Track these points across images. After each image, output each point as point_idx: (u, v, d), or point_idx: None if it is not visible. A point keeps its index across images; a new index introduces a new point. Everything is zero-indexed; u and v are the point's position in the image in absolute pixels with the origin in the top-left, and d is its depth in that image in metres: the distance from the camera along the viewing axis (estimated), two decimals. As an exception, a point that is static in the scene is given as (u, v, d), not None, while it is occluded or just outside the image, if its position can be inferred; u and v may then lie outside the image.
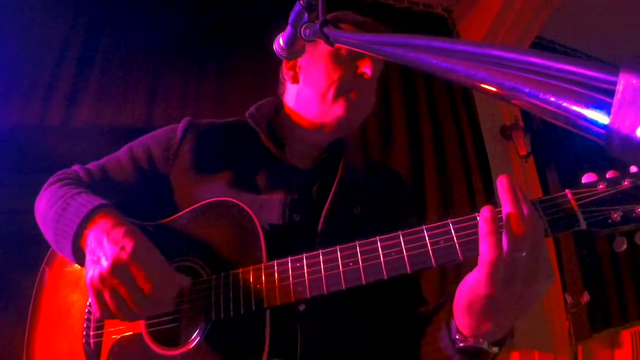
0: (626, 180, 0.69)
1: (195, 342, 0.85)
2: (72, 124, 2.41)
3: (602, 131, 0.31)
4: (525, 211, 0.66)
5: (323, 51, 1.08)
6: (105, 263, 0.80)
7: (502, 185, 0.68)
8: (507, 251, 0.65)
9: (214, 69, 2.78)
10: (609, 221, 0.68)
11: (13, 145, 2.20)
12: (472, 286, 0.71)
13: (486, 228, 0.66)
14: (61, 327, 1.01)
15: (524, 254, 0.65)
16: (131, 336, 0.92)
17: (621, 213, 0.67)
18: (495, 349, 0.76)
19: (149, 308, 0.83)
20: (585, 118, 0.32)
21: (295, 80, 1.15)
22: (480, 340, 0.74)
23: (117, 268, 0.80)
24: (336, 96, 1.06)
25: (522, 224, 0.65)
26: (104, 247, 0.82)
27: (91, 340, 0.96)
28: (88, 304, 1.00)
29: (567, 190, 0.71)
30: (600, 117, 0.31)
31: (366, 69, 1.05)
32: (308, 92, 1.10)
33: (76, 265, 0.92)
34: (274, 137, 1.11)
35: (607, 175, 0.71)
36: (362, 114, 1.11)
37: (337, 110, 1.06)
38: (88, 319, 0.98)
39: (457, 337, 0.77)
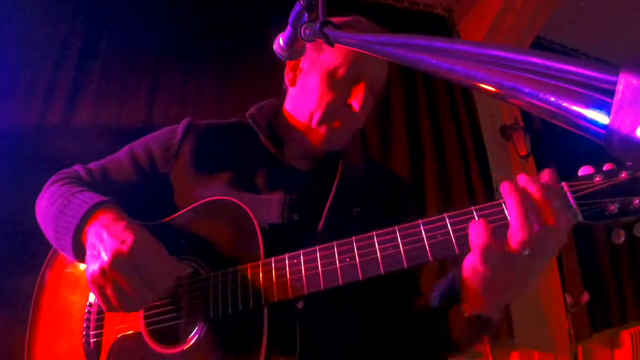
0: (623, 172, 0.68)
1: (194, 340, 0.86)
2: (72, 124, 2.41)
3: (602, 131, 0.31)
4: (532, 217, 0.67)
5: (322, 66, 1.07)
6: (105, 257, 0.80)
7: (504, 190, 0.70)
8: (511, 251, 0.67)
9: (214, 69, 2.78)
10: (606, 213, 0.67)
11: (13, 145, 2.20)
12: (468, 267, 0.75)
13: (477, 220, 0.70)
14: (61, 328, 1.02)
15: (527, 252, 0.67)
16: (131, 335, 0.92)
17: (618, 205, 0.66)
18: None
19: (151, 300, 0.85)
20: (585, 118, 0.32)
21: (293, 83, 1.15)
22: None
23: (118, 261, 0.80)
24: (320, 122, 1.06)
25: (527, 233, 0.66)
26: (105, 241, 0.83)
27: (91, 340, 0.96)
28: (88, 304, 1.00)
29: (563, 183, 0.71)
30: (600, 117, 0.31)
31: (355, 102, 1.04)
32: (300, 102, 1.12)
33: (76, 265, 0.92)
34: (273, 138, 1.11)
35: (604, 168, 0.70)
36: (343, 140, 1.12)
37: (319, 134, 1.07)
38: (88, 319, 0.99)
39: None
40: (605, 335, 3.14)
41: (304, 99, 1.10)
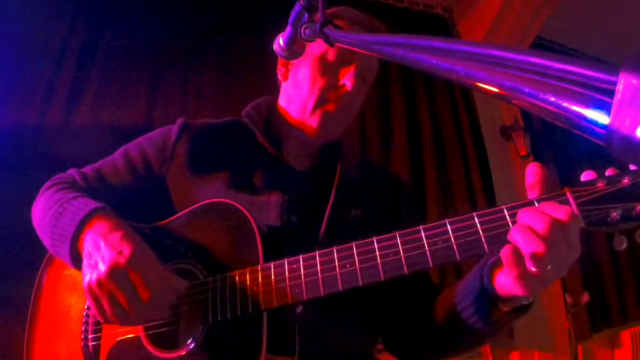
0: (626, 177, 0.67)
1: (192, 344, 0.85)
2: (72, 124, 2.41)
3: (602, 131, 0.31)
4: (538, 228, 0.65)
5: (312, 53, 1.06)
6: (102, 267, 0.80)
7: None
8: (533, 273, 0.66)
9: (214, 68, 2.78)
10: (609, 220, 0.66)
11: (13, 145, 2.20)
12: (505, 286, 0.74)
13: (510, 259, 0.67)
14: (60, 330, 1.01)
15: (549, 267, 0.66)
16: (129, 339, 0.92)
17: (621, 211, 0.65)
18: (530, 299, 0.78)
19: (146, 314, 0.83)
20: (585, 118, 0.32)
21: (285, 77, 1.15)
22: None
23: (115, 273, 0.79)
24: (314, 109, 1.05)
25: (539, 255, 0.65)
26: (102, 251, 0.82)
27: (90, 344, 0.96)
28: (86, 306, 0.99)
29: (565, 189, 0.70)
30: (600, 117, 0.31)
31: (347, 80, 1.03)
32: (293, 94, 1.10)
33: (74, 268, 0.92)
34: (270, 136, 1.10)
35: (607, 173, 0.69)
36: (339, 125, 1.10)
37: (313, 122, 1.05)
38: (86, 322, 0.98)
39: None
40: (605, 335, 3.14)
41: (296, 91, 1.09)
